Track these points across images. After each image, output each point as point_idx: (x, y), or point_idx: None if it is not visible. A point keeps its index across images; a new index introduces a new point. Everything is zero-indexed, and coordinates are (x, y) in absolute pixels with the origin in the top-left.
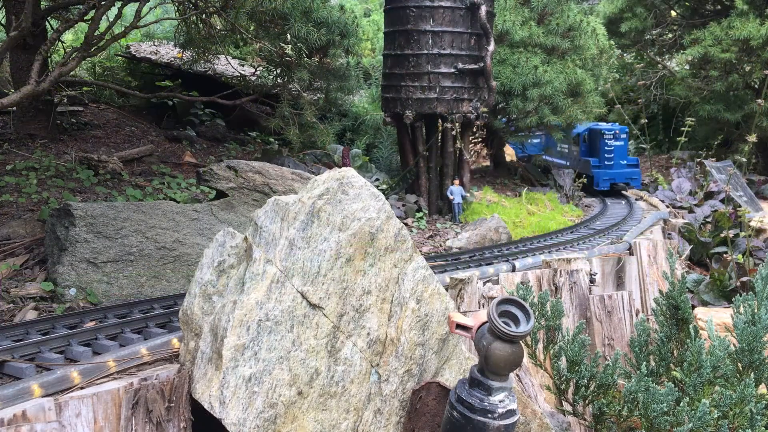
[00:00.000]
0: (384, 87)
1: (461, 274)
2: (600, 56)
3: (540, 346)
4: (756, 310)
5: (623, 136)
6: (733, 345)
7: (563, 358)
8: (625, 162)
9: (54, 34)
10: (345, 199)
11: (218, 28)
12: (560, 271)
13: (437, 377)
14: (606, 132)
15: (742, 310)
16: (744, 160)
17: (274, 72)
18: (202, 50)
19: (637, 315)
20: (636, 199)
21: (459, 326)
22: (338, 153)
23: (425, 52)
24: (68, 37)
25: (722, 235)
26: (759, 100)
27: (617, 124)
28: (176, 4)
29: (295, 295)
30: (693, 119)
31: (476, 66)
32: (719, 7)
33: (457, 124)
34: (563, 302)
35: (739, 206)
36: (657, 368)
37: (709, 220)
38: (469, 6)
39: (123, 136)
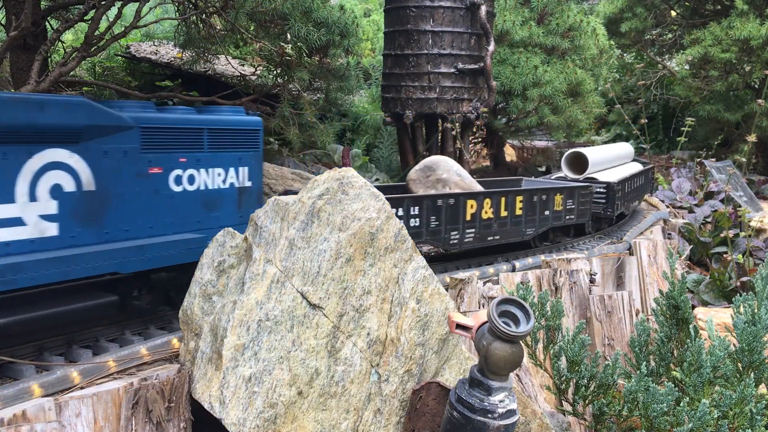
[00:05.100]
0: (384, 87)
1: (461, 274)
2: (600, 56)
3: (540, 346)
4: (756, 310)
5: None
6: (733, 345)
7: (563, 358)
8: None
9: (54, 34)
10: (345, 199)
11: (218, 28)
12: (560, 271)
13: (437, 377)
14: None
15: (742, 310)
16: (744, 160)
17: (274, 72)
18: (202, 50)
19: (637, 315)
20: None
21: (459, 326)
22: (338, 153)
23: (425, 52)
24: (68, 37)
25: (722, 235)
26: (759, 100)
27: None
28: (176, 4)
29: (295, 295)
30: (693, 119)
31: (476, 66)
32: (719, 7)
33: (457, 124)
34: (563, 302)
35: (739, 206)
36: (657, 368)
37: (709, 220)
38: (469, 6)
39: None
